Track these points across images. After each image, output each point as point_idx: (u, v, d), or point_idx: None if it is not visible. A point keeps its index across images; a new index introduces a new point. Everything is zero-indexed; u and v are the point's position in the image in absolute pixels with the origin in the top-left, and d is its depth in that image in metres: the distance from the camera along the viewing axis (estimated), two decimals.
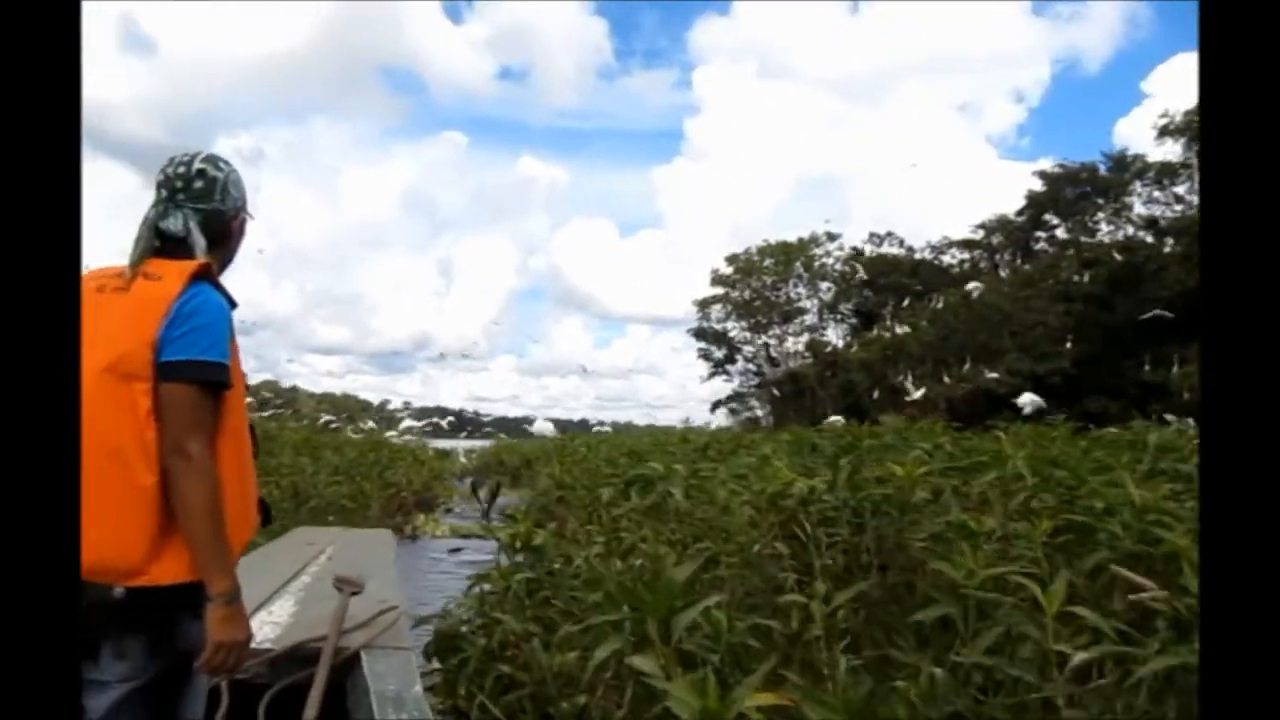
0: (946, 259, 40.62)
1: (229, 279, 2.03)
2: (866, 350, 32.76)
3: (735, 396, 44.35)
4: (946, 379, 26.20)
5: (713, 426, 32.46)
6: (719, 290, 42.35)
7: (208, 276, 1.87)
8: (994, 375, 25.53)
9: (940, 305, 31.15)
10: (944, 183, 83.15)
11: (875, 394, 29.09)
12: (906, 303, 34.67)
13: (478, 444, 34.74)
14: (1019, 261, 34.58)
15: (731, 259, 42.07)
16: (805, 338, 42.32)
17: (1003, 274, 32.41)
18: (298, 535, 6.37)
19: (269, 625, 3.39)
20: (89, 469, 1.61)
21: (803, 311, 42.39)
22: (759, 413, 43.08)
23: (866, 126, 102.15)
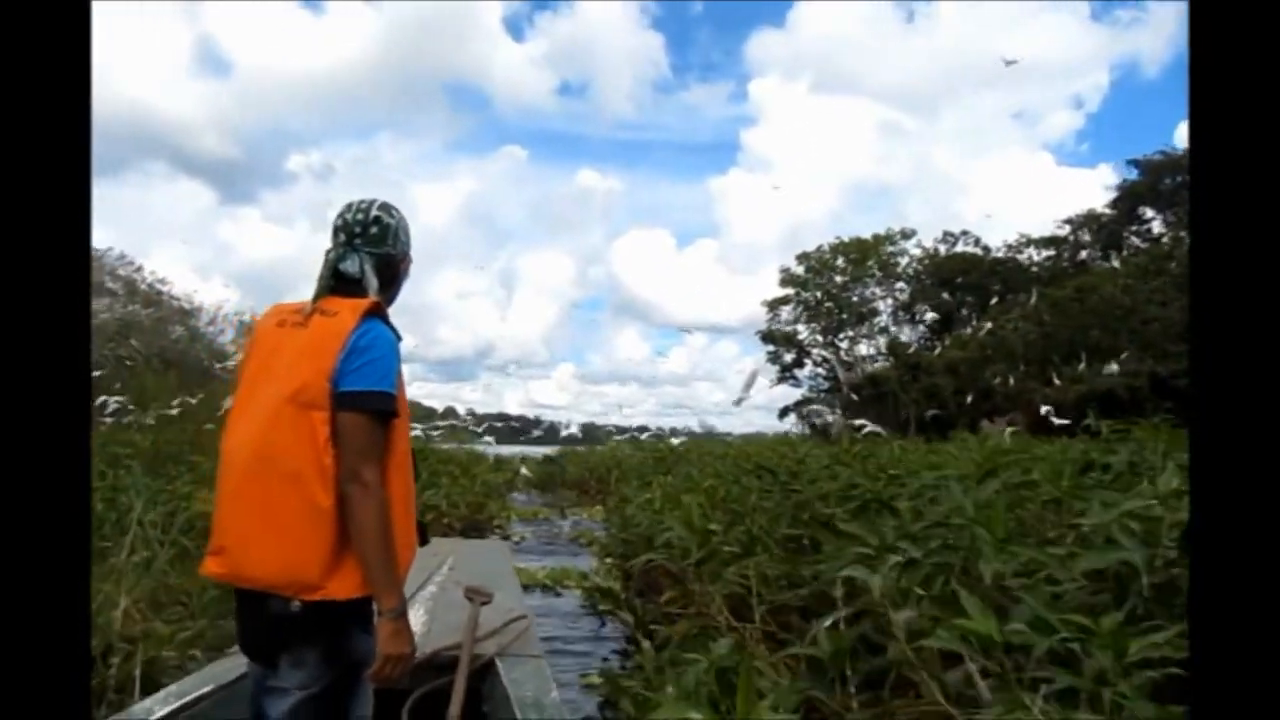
0: (1022, 258, 36.93)
1: None
2: (961, 349, 29.30)
3: (805, 402, 40.95)
4: (1057, 380, 22.71)
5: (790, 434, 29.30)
6: (789, 291, 39.11)
7: (379, 313, 1.91)
8: (1110, 372, 22.00)
9: (1034, 301, 27.68)
10: (1001, 191, 78.85)
11: (969, 398, 25.69)
12: (995, 301, 31.25)
13: (539, 450, 31.82)
14: (1126, 254, 30.89)
15: (802, 257, 38.87)
16: (879, 340, 38.99)
17: (1116, 264, 28.74)
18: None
19: None
20: (272, 492, 1.78)
21: (876, 313, 39.03)
22: (830, 419, 39.65)
23: (923, 135, 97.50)
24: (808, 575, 3.21)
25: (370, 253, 1.99)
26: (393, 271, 2.06)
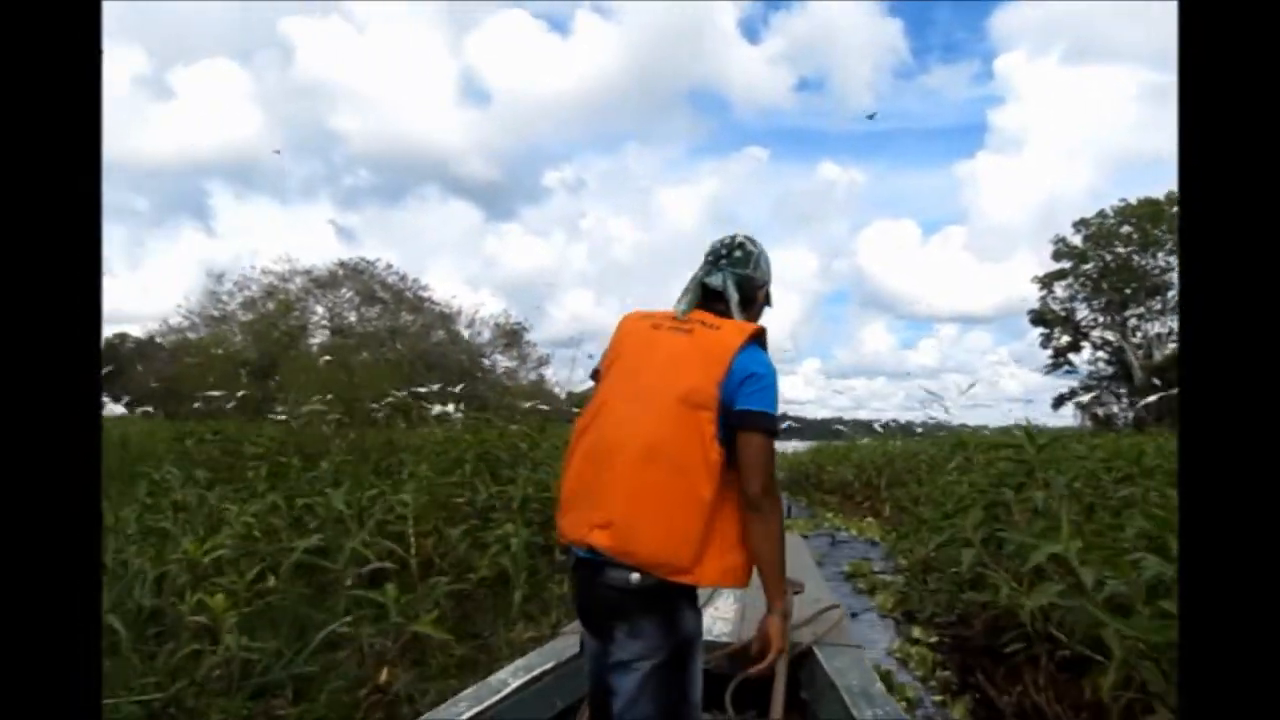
0: None
1: None
2: None
3: (1084, 389, 35.37)
4: None
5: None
6: (1063, 264, 33.81)
7: (763, 340, 2.02)
8: None
9: None
10: None
11: None
12: None
13: (789, 445, 29.00)
14: None
15: (1080, 224, 33.44)
16: (1174, 317, 32.81)
17: None
18: None
19: (720, 622, 3.33)
20: (661, 479, 1.86)
21: (1170, 285, 32.88)
22: (1114, 409, 33.89)
23: None
24: None
25: (733, 272, 2.11)
26: (751, 294, 2.14)
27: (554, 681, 2.83)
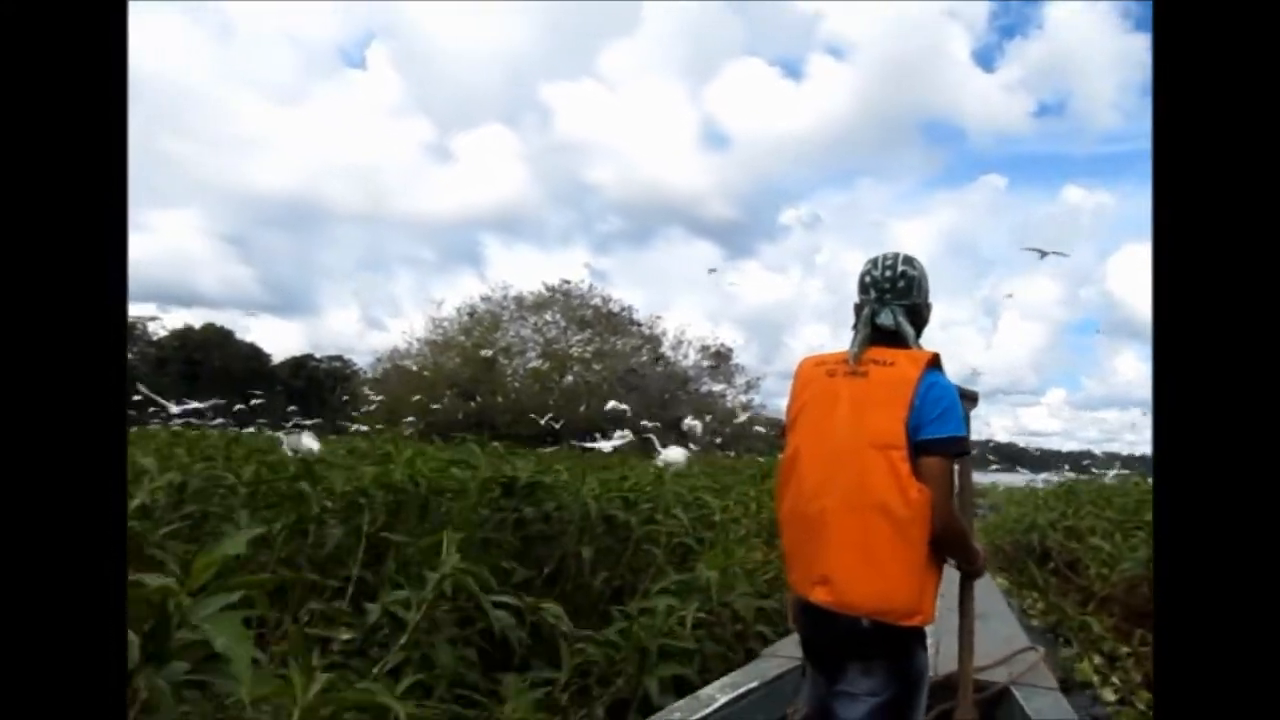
0: None
1: None
2: None
3: None
4: None
5: None
6: None
7: (938, 364, 1.96)
8: None
9: None
10: None
11: None
12: None
13: (1021, 479, 22.93)
14: None
15: None
16: None
17: None
18: None
19: None
20: (867, 526, 1.83)
21: None
22: None
23: None
24: None
25: (900, 305, 2.02)
26: (920, 319, 2.08)
27: (758, 700, 2.86)
